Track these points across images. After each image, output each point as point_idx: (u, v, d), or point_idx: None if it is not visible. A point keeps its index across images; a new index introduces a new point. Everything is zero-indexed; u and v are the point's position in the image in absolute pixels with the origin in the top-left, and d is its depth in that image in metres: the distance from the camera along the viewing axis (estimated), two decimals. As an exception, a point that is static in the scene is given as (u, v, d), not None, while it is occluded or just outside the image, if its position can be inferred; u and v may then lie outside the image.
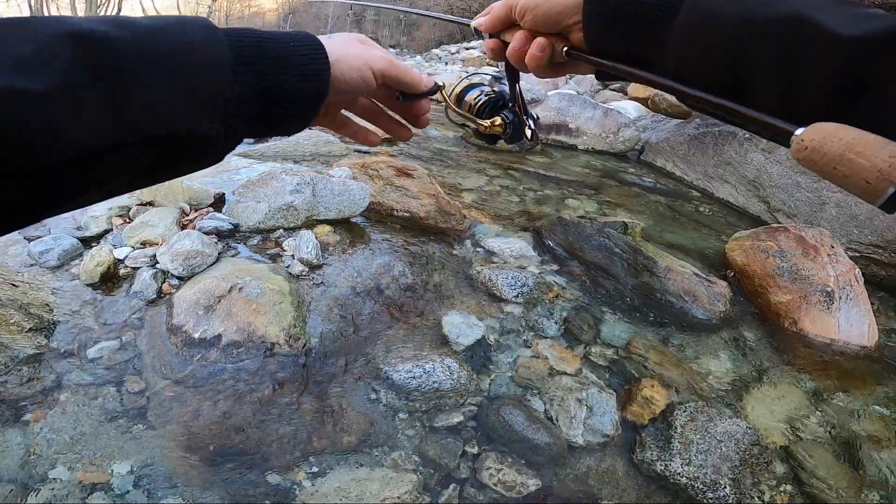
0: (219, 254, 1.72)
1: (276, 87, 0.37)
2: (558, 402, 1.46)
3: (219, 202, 2.05)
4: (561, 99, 4.15)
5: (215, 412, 1.26)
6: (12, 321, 1.40)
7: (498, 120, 0.56)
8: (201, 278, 1.55)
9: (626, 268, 1.92)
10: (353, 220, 2.05)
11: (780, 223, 2.84)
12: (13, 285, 1.55)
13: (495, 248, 1.95)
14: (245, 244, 1.85)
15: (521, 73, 0.53)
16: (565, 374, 1.56)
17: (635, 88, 6.17)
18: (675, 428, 1.36)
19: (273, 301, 1.43)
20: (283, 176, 1.95)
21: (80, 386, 1.34)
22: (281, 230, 1.92)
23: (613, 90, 6.57)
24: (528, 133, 0.57)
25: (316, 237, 1.84)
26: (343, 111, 0.50)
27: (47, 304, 1.53)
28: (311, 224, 1.96)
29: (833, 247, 2.02)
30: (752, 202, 3.03)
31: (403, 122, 0.52)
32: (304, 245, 1.74)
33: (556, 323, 1.74)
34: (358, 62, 0.41)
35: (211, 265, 1.65)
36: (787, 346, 1.82)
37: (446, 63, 14.21)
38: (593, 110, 4.02)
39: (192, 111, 0.32)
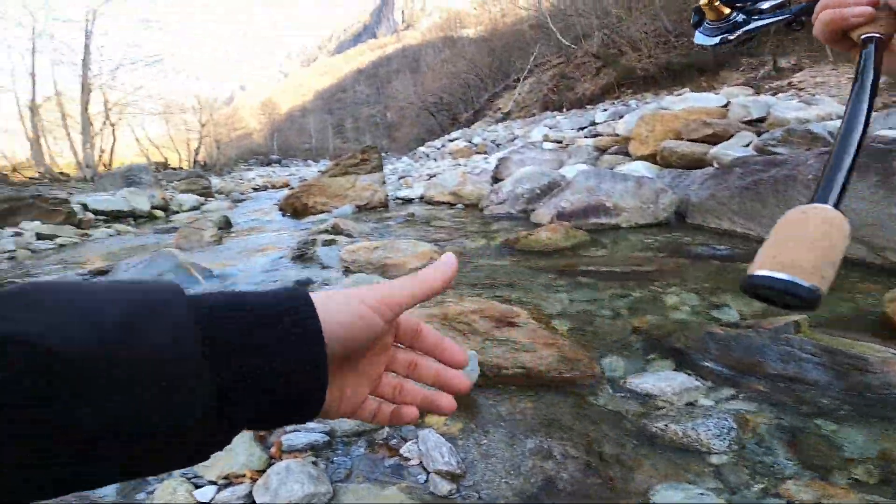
0: (331, 481, 1.35)
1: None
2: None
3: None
4: (588, 177, 3.96)
5: None
6: None
7: None
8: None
9: (825, 371, 1.57)
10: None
11: (892, 261, 2.56)
12: None
13: (650, 388, 1.58)
14: (349, 456, 1.48)
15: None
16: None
17: (636, 146, 6.14)
18: None
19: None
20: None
21: None
22: (385, 429, 1.56)
23: (612, 153, 6.52)
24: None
25: (438, 433, 1.48)
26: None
27: None
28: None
29: None
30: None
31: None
32: (434, 452, 1.36)
33: (784, 457, 1.35)
34: (343, 297, 0.34)
35: (330, 501, 1.28)
36: None
37: (435, 159, 13.99)
38: (624, 182, 3.84)
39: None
